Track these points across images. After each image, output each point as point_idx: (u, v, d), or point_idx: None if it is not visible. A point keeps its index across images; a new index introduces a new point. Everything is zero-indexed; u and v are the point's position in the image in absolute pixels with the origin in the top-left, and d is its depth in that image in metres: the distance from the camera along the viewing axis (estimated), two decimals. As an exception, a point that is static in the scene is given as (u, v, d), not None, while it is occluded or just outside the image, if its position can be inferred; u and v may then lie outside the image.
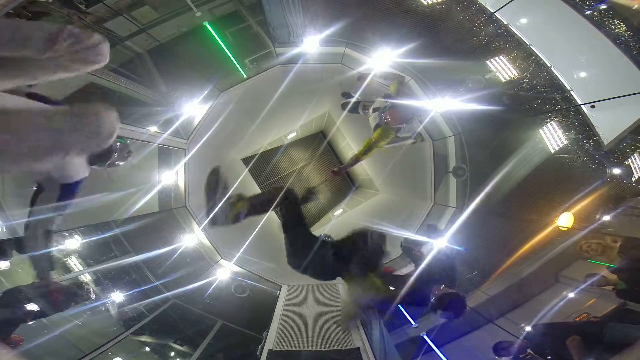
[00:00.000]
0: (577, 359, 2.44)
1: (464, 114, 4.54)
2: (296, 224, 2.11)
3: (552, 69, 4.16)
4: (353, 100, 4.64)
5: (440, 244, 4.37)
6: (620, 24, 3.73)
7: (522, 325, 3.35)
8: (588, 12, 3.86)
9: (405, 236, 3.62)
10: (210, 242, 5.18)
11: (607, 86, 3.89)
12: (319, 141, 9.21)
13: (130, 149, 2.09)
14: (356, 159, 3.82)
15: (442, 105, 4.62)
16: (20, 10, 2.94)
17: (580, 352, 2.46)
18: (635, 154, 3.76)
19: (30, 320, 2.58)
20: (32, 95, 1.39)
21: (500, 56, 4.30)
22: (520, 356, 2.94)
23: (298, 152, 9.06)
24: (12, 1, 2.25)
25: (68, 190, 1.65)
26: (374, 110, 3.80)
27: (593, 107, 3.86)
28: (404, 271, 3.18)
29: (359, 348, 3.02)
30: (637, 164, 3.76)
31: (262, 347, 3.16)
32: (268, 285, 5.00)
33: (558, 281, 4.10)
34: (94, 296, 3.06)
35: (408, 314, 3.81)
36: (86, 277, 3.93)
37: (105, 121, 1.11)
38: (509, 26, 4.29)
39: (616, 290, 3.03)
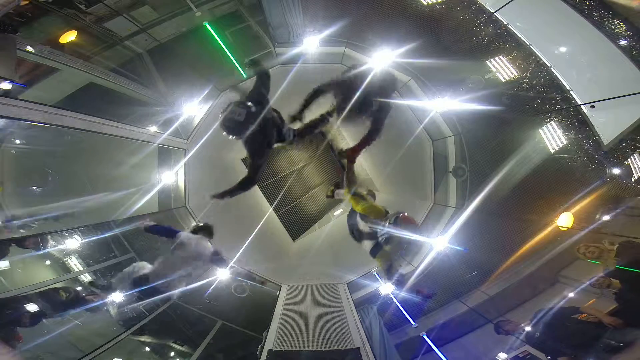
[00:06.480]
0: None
1: (464, 114, 4.54)
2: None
3: (552, 69, 4.15)
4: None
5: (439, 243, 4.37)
6: (620, 24, 3.73)
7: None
8: (588, 12, 3.86)
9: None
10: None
11: (607, 86, 3.89)
12: (319, 141, 9.19)
13: None
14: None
15: (442, 105, 4.62)
16: (20, 10, 2.94)
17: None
18: (635, 154, 3.76)
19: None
20: None
21: (500, 56, 4.30)
22: (520, 355, 2.95)
23: (298, 152, 9.04)
24: (12, 1, 2.25)
25: None
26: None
27: (593, 107, 3.86)
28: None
29: (358, 348, 3.02)
30: (637, 164, 3.76)
31: (262, 347, 3.16)
32: (268, 285, 5.00)
33: (558, 281, 4.10)
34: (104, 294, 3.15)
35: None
36: (86, 277, 3.93)
37: None
38: (509, 26, 4.28)
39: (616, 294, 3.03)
